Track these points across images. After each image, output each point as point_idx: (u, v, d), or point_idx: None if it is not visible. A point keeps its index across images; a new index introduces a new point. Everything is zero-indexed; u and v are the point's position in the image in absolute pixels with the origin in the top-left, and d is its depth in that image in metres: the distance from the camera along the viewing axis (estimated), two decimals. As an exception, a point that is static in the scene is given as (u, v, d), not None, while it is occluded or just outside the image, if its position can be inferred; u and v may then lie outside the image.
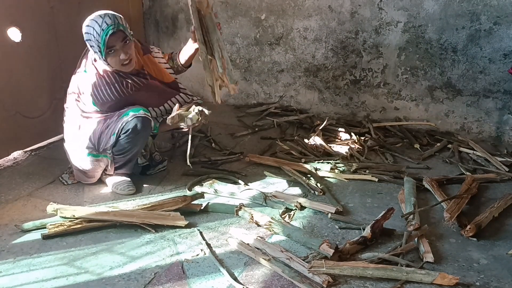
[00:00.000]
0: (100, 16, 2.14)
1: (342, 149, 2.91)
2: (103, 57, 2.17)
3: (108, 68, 2.24)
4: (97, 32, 2.11)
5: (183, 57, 2.49)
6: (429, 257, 1.79)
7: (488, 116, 3.12)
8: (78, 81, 2.29)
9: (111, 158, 2.31)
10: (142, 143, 2.35)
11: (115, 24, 2.12)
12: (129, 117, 2.21)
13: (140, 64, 2.37)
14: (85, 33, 2.17)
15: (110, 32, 2.10)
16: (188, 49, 2.43)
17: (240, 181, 2.44)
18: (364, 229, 1.94)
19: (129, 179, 2.41)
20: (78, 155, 2.34)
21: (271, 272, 1.72)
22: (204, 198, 2.27)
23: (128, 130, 2.21)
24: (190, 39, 2.36)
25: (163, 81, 2.43)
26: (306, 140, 3.02)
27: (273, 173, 2.58)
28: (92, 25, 2.13)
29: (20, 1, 2.64)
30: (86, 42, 2.19)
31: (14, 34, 2.62)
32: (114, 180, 2.39)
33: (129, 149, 2.28)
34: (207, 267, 1.76)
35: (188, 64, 2.53)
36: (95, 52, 2.18)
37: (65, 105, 2.40)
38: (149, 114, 2.27)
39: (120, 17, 2.20)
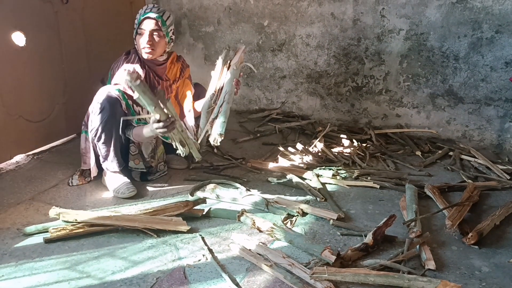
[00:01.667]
0: (152, 5, 2.41)
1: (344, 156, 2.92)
2: (134, 35, 2.40)
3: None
4: (140, 13, 2.37)
5: (197, 106, 2.64)
6: (431, 265, 1.79)
7: (489, 124, 3.13)
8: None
9: (93, 145, 2.39)
10: (110, 120, 2.28)
11: (155, 12, 2.34)
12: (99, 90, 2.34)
13: (175, 77, 2.58)
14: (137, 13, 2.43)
15: (147, 14, 2.32)
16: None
17: (242, 187, 2.45)
18: (365, 236, 1.94)
19: (128, 180, 2.41)
20: None
21: (273, 278, 1.72)
22: (206, 203, 2.27)
23: (95, 104, 2.31)
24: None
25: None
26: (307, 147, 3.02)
27: (274, 178, 2.58)
28: (142, 8, 2.39)
29: (24, 5, 2.66)
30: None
31: (18, 38, 2.64)
32: (114, 185, 2.39)
33: (98, 127, 2.29)
34: (209, 272, 1.76)
35: (198, 115, 2.58)
36: (134, 30, 2.41)
37: None
38: (119, 94, 2.31)
39: (168, 15, 2.40)
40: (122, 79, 2.32)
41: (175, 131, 2.16)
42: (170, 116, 2.08)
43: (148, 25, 2.34)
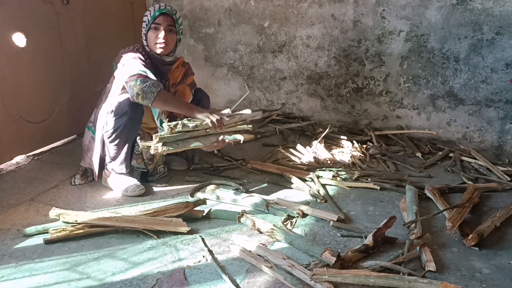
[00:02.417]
0: (164, 4, 2.46)
1: (344, 157, 2.92)
2: (146, 30, 2.40)
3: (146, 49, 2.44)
4: (154, 9, 2.39)
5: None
6: (431, 266, 1.79)
7: (490, 126, 3.13)
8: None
9: (101, 143, 2.38)
10: (128, 125, 2.31)
11: (170, 10, 2.40)
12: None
13: (175, 80, 2.58)
14: (146, 11, 2.44)
15: (163, 11, 2.37)
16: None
17: (242, 188, 2.45)
18: (366, 237, 1.94)
19: (136, 181, 2.42)
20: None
21: (273, 280, 1.72)
22: (206, 204, 2.27)
23: (116, 104, 2.30)
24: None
25: None
26: (308, 148, 3.02)
27: (275, 180, 2.58)
28: (155, 5, 2.42)
29: (25, 6, 2.66)
30: (143, 18, 2.42)
31: (19, 39, 2.64)
32: (123, 186, 2.39)
33: (114, 130, 2.30)
34: (209, 273, 1.76)
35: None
36: (144, 27, 2.41)
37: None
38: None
39: (179, 14, 2.47)
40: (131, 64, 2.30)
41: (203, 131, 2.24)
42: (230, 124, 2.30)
43: (164, 21, 2.37)
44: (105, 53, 3.16)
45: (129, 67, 2.28)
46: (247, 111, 2.44)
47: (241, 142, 2.35)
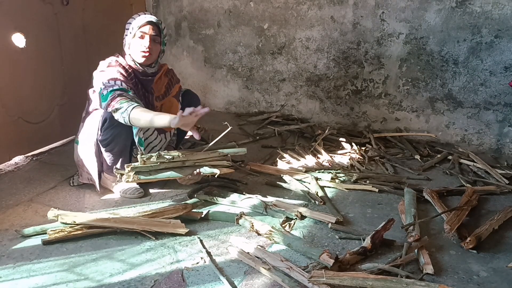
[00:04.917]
0: (149, 12, 2.40)
1: (343, 159, 2.92)
2: (131, 38, 2.32)
3: (129, 62, 2.36)
4: (140, 18, 2.33)
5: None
6: (429, 269, 1.79)
7: (488, 128, 3.13)
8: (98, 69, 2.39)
9: (96, 153, 2.34)
10: (123, 133, 2.27)
11: (155, 20, 2.34)
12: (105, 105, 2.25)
13: (159, 93, 2.48)
14: (130, 18, 2.36)
15: (150, 19, 2.32)
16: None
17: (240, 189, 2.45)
18: (364, 240, 1.94)
19: (136, 184, 2.40)
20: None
21: (271, 282, 1.72)
22: (204, 206, 2.27)
23: (105, 119, 2.24)
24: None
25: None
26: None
27: (273, 182, 2.58)
28: (139, 15, 2.37)
29: (24, 7, 2.66)
30: (126, 26, 2.36)
31: (18, 40, 2.64)
32: (123, 187, 2.39)
33: (110, 139, 2.27)
34: (207, 275, 1.76)
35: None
36: (127, 34, 2.34)
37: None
38: None
39: (164, 25, 2.43)
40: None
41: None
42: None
43: (150, 30, 2.31)
44: (104, 54, 3.16)
45: (104, 90, 2.23)
46: (233, 147, 2.37)
47: (216, 176, 2.32)
